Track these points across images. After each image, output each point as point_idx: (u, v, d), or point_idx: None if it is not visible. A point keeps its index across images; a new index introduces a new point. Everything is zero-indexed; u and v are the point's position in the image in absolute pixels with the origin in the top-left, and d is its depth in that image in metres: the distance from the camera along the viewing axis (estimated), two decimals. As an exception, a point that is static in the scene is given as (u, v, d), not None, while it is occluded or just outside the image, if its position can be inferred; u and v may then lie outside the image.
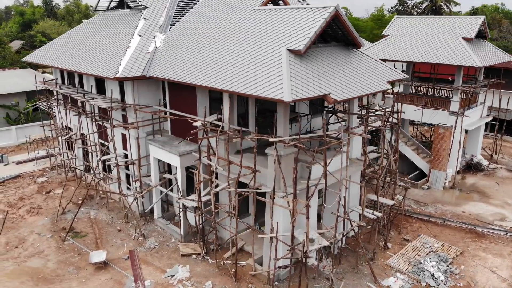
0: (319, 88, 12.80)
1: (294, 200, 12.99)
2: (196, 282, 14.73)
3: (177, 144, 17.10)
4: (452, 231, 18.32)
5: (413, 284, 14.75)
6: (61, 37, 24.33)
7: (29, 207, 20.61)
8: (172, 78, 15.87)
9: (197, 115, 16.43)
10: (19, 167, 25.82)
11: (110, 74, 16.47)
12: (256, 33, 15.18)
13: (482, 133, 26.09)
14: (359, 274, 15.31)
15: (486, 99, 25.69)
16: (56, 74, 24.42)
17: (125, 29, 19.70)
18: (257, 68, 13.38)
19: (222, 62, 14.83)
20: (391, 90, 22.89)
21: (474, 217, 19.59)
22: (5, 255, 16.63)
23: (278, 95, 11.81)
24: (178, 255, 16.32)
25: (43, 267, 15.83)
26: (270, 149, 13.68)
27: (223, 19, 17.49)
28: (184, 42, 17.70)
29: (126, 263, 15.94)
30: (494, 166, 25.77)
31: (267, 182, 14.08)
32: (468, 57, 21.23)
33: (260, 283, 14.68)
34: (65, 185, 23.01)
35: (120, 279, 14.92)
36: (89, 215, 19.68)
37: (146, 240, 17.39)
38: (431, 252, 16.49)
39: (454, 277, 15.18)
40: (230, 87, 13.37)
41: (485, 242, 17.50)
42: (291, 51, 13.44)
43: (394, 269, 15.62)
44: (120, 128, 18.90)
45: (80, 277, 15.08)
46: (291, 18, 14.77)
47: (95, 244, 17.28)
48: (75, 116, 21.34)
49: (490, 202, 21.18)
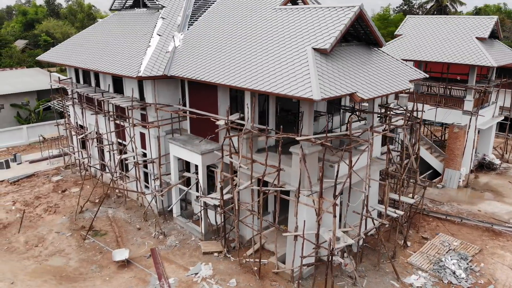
0: (345, 86, 12.90)
1: (320, 199, 13.08)
2: (220, 280, 14.81)
3: (197, 142, 17.18)
4: (470, 230, 18.42)
5: (435, 282, 14.85)
6: (76, 36, 24.43)
7: (46, 206, 20.67)
8: (194, 77, 15.94)
9: (218, 114, 16.50)
10: (33, 166, 25.88)
11: (132, 73, 16.54)
12: (279, 32, 15.27)
13: (493, 133, 26.22)
14: (381, 272, 15.40)
15: (498, 98, 25.81)
16: (70, 73, 24.48)
17: (143, 28, 19.78)
18: (283, 67, 13.47)
19: (245, 61, 14.91)
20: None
21: (490, 215, 19.70)
22: (26, 254, 16.69)
23: (306, 94, 11.90)
24: (200, 253, 16.40)
25: (65, 265, 15.90)
26: (294, 147, 13.77)
27: (243, 18, 17.58)
28: (204, 42, 17.78)
29: (148, 261, 16.02)
30: (505, 165, 25.90)
31: (290, 181, 14.18)
32: (483, 56, 21.34)
33: (283, 281, 14.77)
34: (81, 184, 23.19)
35: (144, 277, 14.99)
36: (107, 214, 19.75)
37: (166, 239, 17.47)
38: (451, 250, 16.60)
39: (474, 275, 15.28)
40: (256, 85, 13.45)
41: (503, 240, 17.61)
42: (316, 50, 13.54)
43: (415, 267, 15.72)
44: (139, 127, 18.97)
45: (104, 275, 15.15)
46: (315, 18, 14.86)
47: (115, 242, 17.35)
48: (92, 115, 21.41)
49: (505, 201, 21.30)
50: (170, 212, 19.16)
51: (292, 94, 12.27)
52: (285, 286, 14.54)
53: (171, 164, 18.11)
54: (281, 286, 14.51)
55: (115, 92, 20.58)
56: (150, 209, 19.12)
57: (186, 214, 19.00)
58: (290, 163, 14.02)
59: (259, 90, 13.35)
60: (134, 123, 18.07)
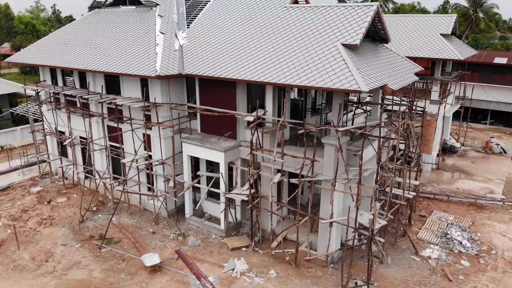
0: (377, 79, 13.93)
1: (359, 185, 13.98)
2: (258, 272, 15.08)
3: (215, 140, 17.15)
4: (457, 205, 20.66)
5: (447, 252, 16.57)
6: (50, 36, 22.65)
7: (39, 218, 19.11)
8: (215, 75, 15.90)
9: (236, 111, 16.64)
10: (3, 177, 23.57)
11: (150, 73, 16.01)
12: (300, 30, 15.86)
13: (450, 120, 29.32)
14: (399, 249, 16.77)
15: (455, 89, 28.88)
16: (44, 75, 22.71)
17: (141, 26, 19.13)
18: (316, 62, 14.10)
19: (271, 57, 15.27)
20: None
21: (468, 192, 22.22)
22: (38, 271, 15.44)
23: (353, 86, 12.68)
24: (227, 250, 16.47)
25: (89, 277, 15.02)
26: (326, 139, 14.51)
27: (252, 16, 17.86)
28: (213, 40, 17.75)
29: (177, 263, 15.73)
30: (463, 148, 29.13)
31: (322, 171, 14.89)
32: (450, 51, 23.84)
33: (317, 267, 15.46)
34: (66, 193, 21.83)
35: (182, 279, 14.74)
36: (111, 221, 18.83)
37: (186, 239, 17.22)
38: (449, 225, 18.54)
39: (476, 243, 17.29)
40: (292, 81, 13.93)
41: (487, 212, 20.05)
42: (345, 45, 14.39)
43: (425, 241, 17.34)
44: (139, 129, 18.36)
45: (138, 282, 14.61)
46: (333, 15, 15.70)
47: (134, 248, 16.72)
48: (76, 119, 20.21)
49: (475, 179, 24.10)
50: (178, 213, 18.86)
51: (336, 87, 12.96)
52: (320, 271, 15.25)
53: (184, 164, 17.83)
54: (318, 271, 15.20)
55: (108, 94, 19.62)
56: (155, 212, 18.64)
57: (196, 214, 18.82)
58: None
59: (297, 85, 13.86)
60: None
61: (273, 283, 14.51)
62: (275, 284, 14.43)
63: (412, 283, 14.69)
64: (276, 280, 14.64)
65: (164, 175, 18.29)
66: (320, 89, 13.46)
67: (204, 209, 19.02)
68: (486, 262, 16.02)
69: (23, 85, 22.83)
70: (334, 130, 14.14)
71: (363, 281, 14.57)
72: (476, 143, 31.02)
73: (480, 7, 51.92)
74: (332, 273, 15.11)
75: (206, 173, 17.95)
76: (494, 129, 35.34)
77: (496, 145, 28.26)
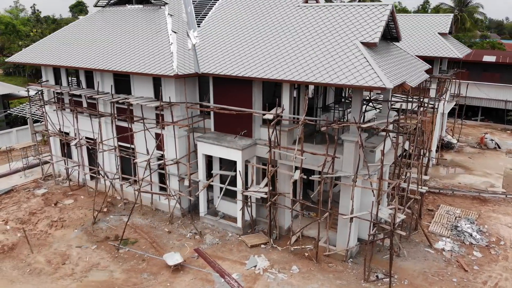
0: (396, 76, 14.28)
1: (380, 180, 14.31)
2: (281, 268, 15.23)
3: (231, 139, 17.20)
4: (461, 199, 21.29)
5: (459, 244, 17.09)
6: (54, 35, 22.23)
7: (49, 221, 18.78)
8: (231, 73, 15.97)
9: (252, 109, 16.75)
10: (4, 180, 23.02)
11: (168, 72, 15.94)
12: (316, 28, 16.08)
13: (446, 117, 30.10)
14: (413, 243, 17.20)
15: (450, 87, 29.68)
16: (47, 75, 22.27)
17: (151, 25, 19.00)
18: (337, 60, 14.35)
19: (289, 55, 15.44)
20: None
21: (470, 186, 22.90)
22: (57, 274, 15.19)
23: (377, 83, 12.97)
24: (246, 247, 16.57)
25: (111, 278, 14.88)
26: (347, 135, 14.79)
27: (265, 15, 17.99)
28: (226, 38, 17.81)
29: (198, 261, 15.74)
30: (459, 144, 29.98)
31: (342, 167, 15.15)
32: (449, 49, 24.53)
33: (337, 262, 15.72)
34: (72, 195, 21.53)
35: (205, 277, 14.77)
36: (123, 222, 18.66)
37: (203, 238, 17.24)
38: (457, 218, 19.10)
39: (485, 235, 17.89)
40: (314, 78, 14.14)
41: (491, 205, 20.73)
42: (364, 43, 14.69)
43: (437, 234, 17.82)
44: (152, 128, 18.27)
45: (162, 282, 14.57)
46: (348, 15, 15.99)
47: (152, 248, 16.63)
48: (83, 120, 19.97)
49: (474, 173, 24.85)
50: (190, 213, 18.84)
51: (359, 84, 13.24)
52: (341, 265, 15.52)
53: (199, 163, 17.82)
54: (338, 266, 15.46)
55: (117, 93, 19.42)
56: (170, 211, 18.58)
57: (209, 213, 18.84)
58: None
59: (319, 83, 14.07)
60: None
61: (296, 278, 14.69)
62: (299, 280, 14.62)
63: (430, 274, 15.11)
64: (299, 276, 14.83)
65: (178, 174, 18.24)
66: (343, 86, 13.71)
67: (217, 207, 19.06)
68: (496, 253, 16.60)
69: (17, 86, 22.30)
70: (353, 127, 14.45)
71: (384, 274, 14.91)
72: (470, 139, 31.96)
73: (466, 6, 53.40)
74: (353, 268, 15.40)
75: (222, 172, 17.98)
76: (485, 126, 36.47)
77: (491, 141, 29.19)
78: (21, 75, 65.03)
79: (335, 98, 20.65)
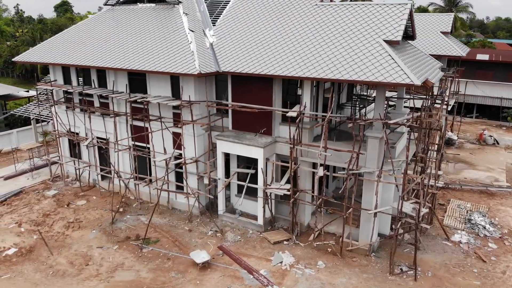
0: (420, 73, 14.62)
1: (405, 175, 14.63)
2: (307, 264, 15.42)
3: (251, 137, 17.30)
4: (469, 194, 21.87)
5: (475, 237, 17.58)
6: (62, 35, 21.89)
7: (65, 222, 18.55)
8: (252, 71, 16.08)
9: (272, 107, 16.89)
10: (12, 182, 22.59)
11: (191, 70, 15.92)
12: (336, 27, 16.32)
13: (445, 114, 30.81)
14: (430, 236, 17.61)
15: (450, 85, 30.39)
16: (55, 75, 21.93)
17: (167, 24, 18.94)
18: (361, 57, 14.61)
19: (312, 53, 15.64)
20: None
21: (475, 181, 23.54)
22: (82, 275, 15.02)
23: (405, 80, 13.28)
24: (269, 244, 16.70)
25: (138, 278, 14.81)
26: (370, 132, 15.08)
27: (282, 13, 18.16)
28: (243, 37, 17.90)
29: (223, 259, 15.79)
30: (459, 140, 30.72)
31: (365, 163, 15.42)
32: (451, 48, 25.18)
33: (360, 256, 16.00)
34: (84, 196, 21.31)
35: (233, 274, 14.84)
36: (142, 221, 18.60)
37: (225, 236, 17.30)
38: (469, 211, 19.62)
39: (497, 227, 18.45)
40: (340, 75, 14.37)
41: (498, 199, 21.36)
42: (387, 42, 14.99)
43: (451, 228, 18.29)
44: (170, 127, 18.25)
45: (191, 280, 14.57)
46: (368, 13, 16.29)
47: (176, 247, 16.61)
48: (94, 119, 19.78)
49: (478, 168, 25.54)
50: (207, 211, 18.87)
51: (388, 81, 13.52)
52: (365, 259, 15.80)
53: (218, 161, 17.86)
54: (362, 260, 15.74)
55: (132, 92, 19.29)
56: (189, 210, 18.58)
57: (228, 211, 18.89)
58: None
59: (344, 80, 14.31)
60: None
61: (324, 273, 14.90)
62: (326, 274, 14.84)
63: (451, 266, 15.52)
64: (326, 270, 15.04)
65: (197, 173, 18.24)
66: (370, 83, 13.98)
67: (234, 205, 19.13)
68: (511, 244, 17.14)
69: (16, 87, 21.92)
70: (377, 124, 14.75)
71: (408, 266, 15.25)
72: (468, 135, 32.79)
73: (456, 6, 54.66)
74: (376, 261, 15.70)
75: (241, 170, 18.05)
76: (481, 122, 37.46)
77: (490, 137, 30.02)
78: (10, 76, 63.69)
79: (347, 96, 20.96)
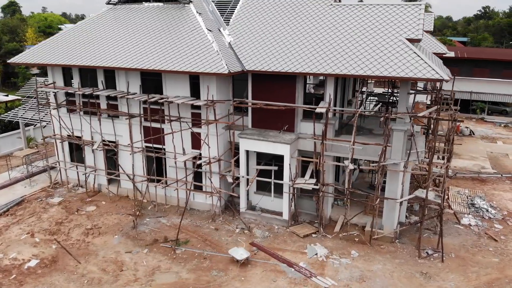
0: (440, 70, 15.68)
1: (430, 165, 15.64)
2: (341, 254, 16.01)
3: (274, 134, 17.62)
4: (463, 181, 23.56)
5: (481, 219, 19.07)
6: (61, 35, 20.91)
7: (83, 229, 17.85)
8: (278, 69, 16.44)
9: (295, 104, 17.31)
10: (7, 191, 21.27)
11: (220, 70, 15.92)
12: (354, 25, 17.05)
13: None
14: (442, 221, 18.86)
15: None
16: (54, 77, 20.93)
17: (181, 24, 18.75)
18: (387, 55, 15.43)
19: (326, 50, 16.27)
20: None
21: (465, 169, 25.36)
22: (120, 281, 14.62)
23: (434, 76, 14.25)
24: (298, 238, 17.12)
25: (180, 279, 14.67)
26: (396, 125, 15.96)
27: (297, 12, 18.62)
28: (260, 36, 18.19)
29: (259, 254, 16.00)
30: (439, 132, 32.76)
31: (391, 155, 16.27)
32: (437, 46, 26.86)
33: (386, 243, 16.85)
34: (91, 201, 20.66)
35: (274, 268, 15.11)
36: (163, 224, 18.33)
37: (253, 232, 17.50)
38: (469, 197, 21.18)
39: (496, 210, 20.10)
40: (371, 72, 15.10)
41: (490, 184, 23.20)
42: (408, 39, 15.92)
43: (458, 212, 19.68)
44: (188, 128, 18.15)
45: (235, 277, 14.66)
46: (384, 13, 17.19)
47: (208, 246, 16.57)
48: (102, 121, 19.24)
49: (463, 157, 27.50)
50: (227, 209, 18.98)
51: (418, 76, 14.42)
52: (392, 246, 16.68)
53: (241, 159, 18.01)
54: (390, 247, 16.60)
55: (144, 93, 18.92)
56: (212, 209, 18.59)
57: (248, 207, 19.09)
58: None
59: (371, 76, 15.06)
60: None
61: (359, 261, 15.57)
62: (362, 262, 15.51)
63: (469, 247, 16.77)
64: (360, 259, 15.72)
65: (219, 171, 18.27)
66: (399, 79, 14.82)
67: (253, 202, 19.35)
68: (513, 224, 18.82)
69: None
70: (401, 117, 15.65)
71: (433, 250, 16.31)
72: (444, 127, 34.99)
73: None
74: (402, 247, 16.62)
75: (264, 167, 18.29)
76: (451, 115, 40.09)
77: (466, 128, 32.32)
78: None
79: (353, 92, 21.84)
